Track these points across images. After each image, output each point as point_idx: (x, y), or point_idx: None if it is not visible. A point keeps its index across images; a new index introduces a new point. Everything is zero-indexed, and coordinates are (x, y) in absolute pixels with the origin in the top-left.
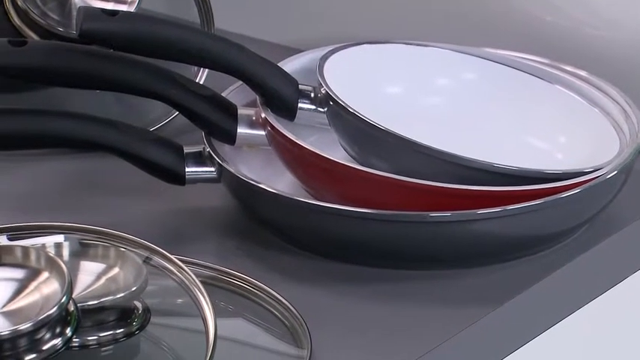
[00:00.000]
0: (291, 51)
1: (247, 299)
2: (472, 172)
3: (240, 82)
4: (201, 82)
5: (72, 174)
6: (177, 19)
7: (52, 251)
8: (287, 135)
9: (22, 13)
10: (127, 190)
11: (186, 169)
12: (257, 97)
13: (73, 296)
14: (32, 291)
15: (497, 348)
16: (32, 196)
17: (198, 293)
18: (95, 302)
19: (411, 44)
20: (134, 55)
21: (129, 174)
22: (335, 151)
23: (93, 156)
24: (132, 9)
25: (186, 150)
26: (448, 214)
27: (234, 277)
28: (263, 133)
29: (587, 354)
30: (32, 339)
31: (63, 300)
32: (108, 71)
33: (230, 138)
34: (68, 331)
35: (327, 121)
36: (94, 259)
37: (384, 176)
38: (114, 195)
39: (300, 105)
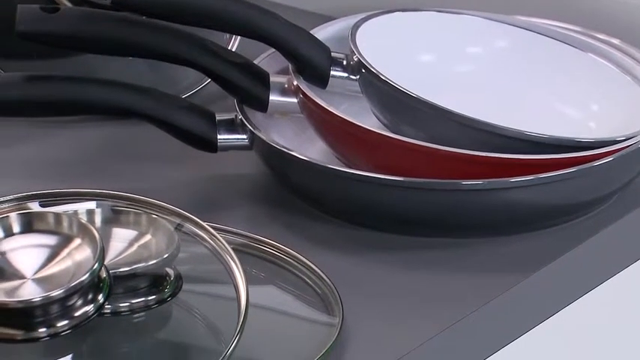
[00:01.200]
0: (324, 18)
1: (279, 267)
2: (504, 140)
3: (273, 50)
4: (233, 50)
5: (104, 141)
6: None
7: (84, 218)
8: (319, 102)
9: None
10: (158, 157)
11: (219, 137)
12: (289, 64)
13: (105, 263)
14: (64, 257)
15: (529, 316)
16: (64, 163)
17: (230, 260)
18: (127, 269)
19: (443, 12)
20: (166, 22)
21: (161, 141)
22: (367, 118)
23: (125, 123)
24: None
25: (219, 117)
26: (480, 182)
27: (266, 244)
28: (295, 100)
29: (620, 322)
30: (64, 305)
31: (95, 266)
32: (140, 38)
33: (262, 105)
34: (100, 298)
35: (359, 89)
36: (126, 225)
37: (416, 144)
38: (146, 162)
39: (332, 73)
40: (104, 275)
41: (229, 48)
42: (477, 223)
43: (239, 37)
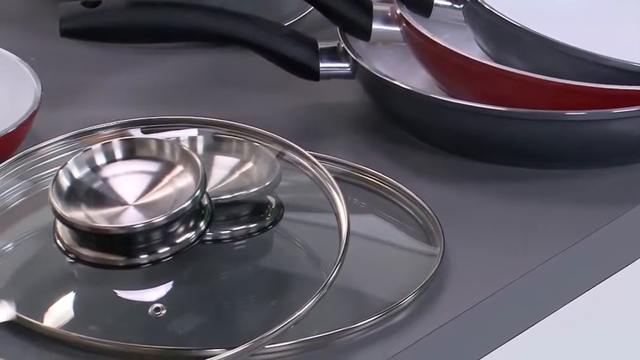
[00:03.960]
0: None
1: (380, 196)
2: (609, 71)
3: None
4: None
5: (206, 68)
6: None
7: (186, 145)
8: (422, 31)
9: None
10: (260, 85)
11: (321, 65)
12: None
13: (207, 190)
14: (166, 184)
15: (632, 248)
16: (166, 90)
17: (332, 189)
18: (229, 196)
19: None
20: None
21: (264, 69)
22: (470, 48)
23: (228, 50)
24: None
25: (321, 45)
26: (584, 112)
27: (368, 173)
28: (398, 29)
29: None
30: (166, 232)
31: (197, 194)
32: None
33: (365, 34)
34: (202, 225)
35: (462, 18)
36: (227, 153)
37: (519, 74)
38: (247, 89)
39: (436, 1)
40: (206, 202)
41: None
42: (579, 155)
43: None
